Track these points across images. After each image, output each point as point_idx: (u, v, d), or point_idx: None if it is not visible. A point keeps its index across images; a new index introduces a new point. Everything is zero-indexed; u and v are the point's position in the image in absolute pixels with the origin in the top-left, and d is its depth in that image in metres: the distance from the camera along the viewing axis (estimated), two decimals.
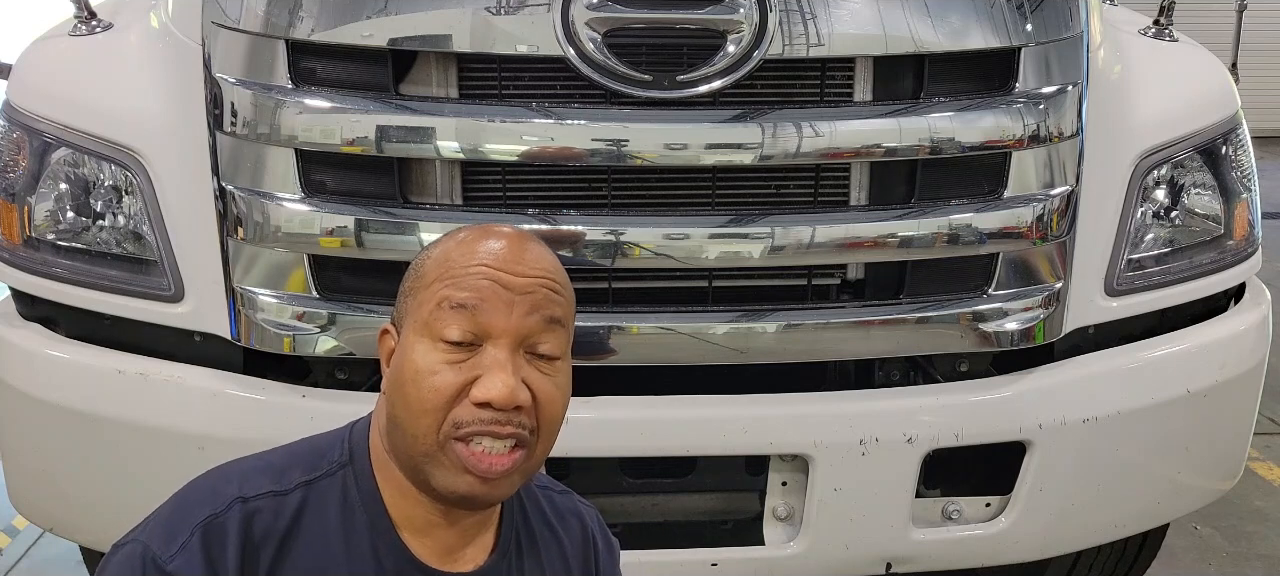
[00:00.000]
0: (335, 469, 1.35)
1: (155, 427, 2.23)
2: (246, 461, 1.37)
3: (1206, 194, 2.54)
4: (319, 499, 1.32)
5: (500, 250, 1.31)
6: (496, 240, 1.33)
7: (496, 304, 1.28)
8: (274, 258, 2.18)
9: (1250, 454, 2.80)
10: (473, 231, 1.36)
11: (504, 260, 1.30)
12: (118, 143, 2.27)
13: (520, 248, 1.33)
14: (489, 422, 1.26)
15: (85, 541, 2.61)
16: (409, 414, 1.27)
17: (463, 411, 1.26)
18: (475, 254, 1.31)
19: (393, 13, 2.09)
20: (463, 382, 1.26)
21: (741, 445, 2.28)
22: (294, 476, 1.33)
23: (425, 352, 1.28)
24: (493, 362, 1.26)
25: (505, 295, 1.28)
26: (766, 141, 2.13)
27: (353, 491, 1.34)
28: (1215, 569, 3.60)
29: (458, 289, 1.28)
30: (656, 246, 2.16)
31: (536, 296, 1.30)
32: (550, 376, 1.31)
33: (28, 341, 2.35)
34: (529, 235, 1.38)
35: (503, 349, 1.27)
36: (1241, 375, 2.53)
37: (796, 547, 2.33)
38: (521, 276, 1.30)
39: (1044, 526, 2.43)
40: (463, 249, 1.32)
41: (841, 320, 2.26)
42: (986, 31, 2.21)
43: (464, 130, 2.11)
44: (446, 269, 1.31)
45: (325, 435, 1.41)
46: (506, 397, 1.25)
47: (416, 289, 1.33)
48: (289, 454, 1.38)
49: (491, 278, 1.29)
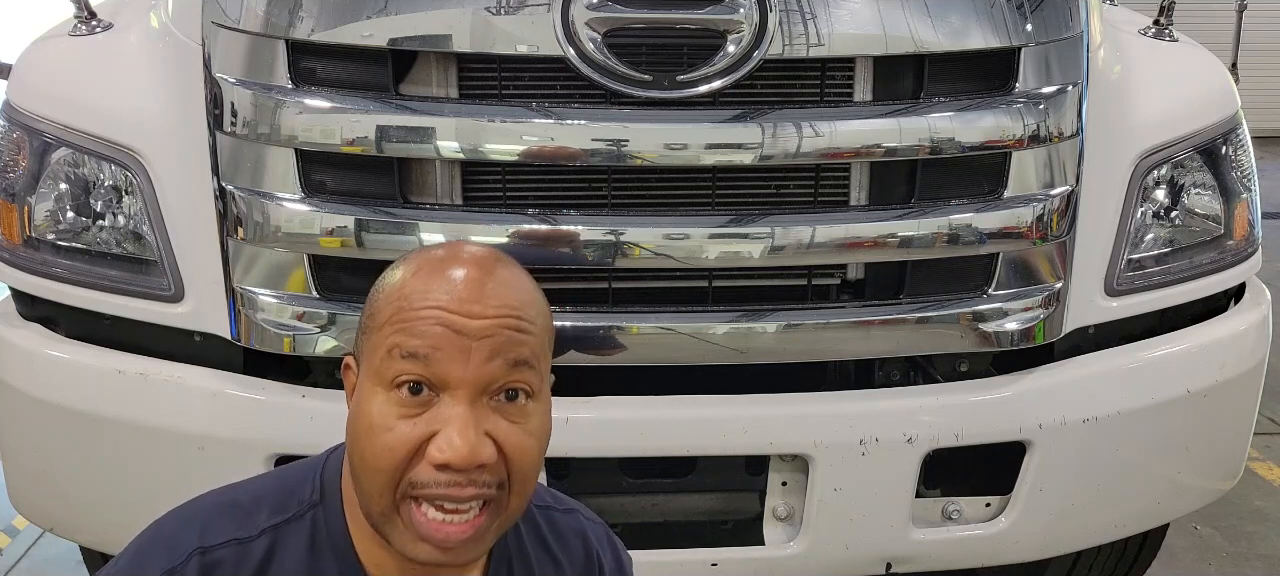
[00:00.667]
0: (305, 509, 1.26)
1: (155, 427, 2.23)
2: (214, 497, 1.29)
3: (1206, 194, 2.54)
4: (287, 544, 1.24)
5: (456, 288, 1.17)
6: (454, 272, 1.19)
7: (451, 352, 1.15)
8: (274, 257, 2.18)
9: (1250, 454, 2.80)
10: (430, 260, 1.22)
11: (459, 299, 1.16)
12: (118, 143, 2.27)
13: (479, 282, 1.18)
14: (448, 485, 1.14)
15: (85, 541, 2.61)
16: (364, 470, 1.18)
17: (420, 471, 1.15)
18: (428, 293, 1.17)
19: (393, 13, 2.09)
20: (419, 439, 1.15)
21: (741, 445, 2.28)
22: (260, 519, 1.25)
23: (379, 405, 1.16)
24: (450, 417, 1.14)
25: (460, 342, 1.15)
26: (766, 141, 2.13)
27: (323, 533, 1.25)
28: (1215, 569, 3.60)
29: (408, 335, 1.15)
30: (656, 246, 2.16)
31: (496, 339, 1.16)
32: (520, 423, 1.19)
33: (28, 341, 2.35)
34: (494, 263, 1.23)
35: (461, 401, 1.15)
36: (1241, 375, 2.53)
37: (796, 547, 2.33)
38: (479, 318, 1.16)
39: (1044, 526, 2.43)
40: (416, 284, 1.19)
41: (841, 320, 2.26)
42: (986, 31, 2.21)
43: (464, 130, 2.11)
44: (397, 309, 1.18)
45: (297, 468, 1.34)
46: (465, 458, 1.13)
47: (369, 328, 1.21)
48: (258, 491, 1.30)
49: (444, 323, 1.15)
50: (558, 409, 2.06)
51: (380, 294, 1.22)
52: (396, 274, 1.23)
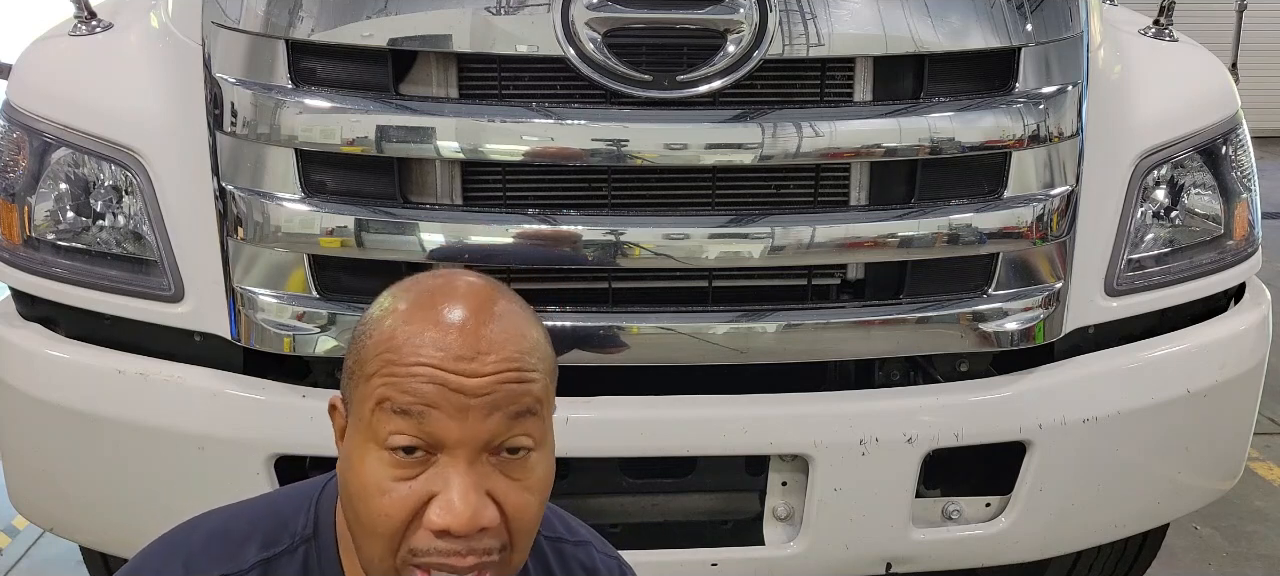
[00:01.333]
0: (297, 543, 1.21)
1: (155, 427, 2.23)
2: (203, 524, 1.24)
3: (1206, 194, 2.54)
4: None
5: (449, 339, 1.08)
6: (447, 316, 1.10)
7: (446, 410, 1.07)
8: (274, 257, 2.18)
9: (1250, 454, 2.80)
10: (420, 299, 1.13)
11: (453, 354, 1.07)
12: (118, 143, 2.27)
13: (475, 330, 1.09)
14: (447, 554, 1.08)
15: (85, 541, 2.61)
16: (361, 532, 1.12)
17: (419, 538, 1.09)
18: (419, 346, 1.08)
19: (393, 13, 2.09)
20: (416, 503, 1.08)
21: (741, 445, 2.28)
22: (250, 552, 1.20)
23: (372, 465, 1.09)
24: (449, 481, 1.07)
25: (456, 400, 1.07)
26: (766, 141, 2.13)
27: (315, 570, 1.21)
28: (1215, 569, 3.60)
29: (398, 392, 1.07)
30: (656, 246, 2.16)
31: (496, 395, 1.08)
32: (522, 480, 1.12)
33: (28, 341, 2.35)
34: (490, 303, 1.13)
35: (460, 461, 1.08)
36: (1241, 375, 2.53)
37: (796, 547, 2.33)
38: (475, 376, 1.07)
39: (1044, 526, 2.43)
40: (407, 331, 1.10)
41: (841, 320, 2.26)
42: (986, 31, 2.21)
43: (464, 130, 2.11)
44: (386, 360, 1.09)
45: (291, 496, 1.29)
46: (466, 524, 1.07)
47: (357, 376, 1.13)
48: (250, 517, 1.25)
49: (438, 381, 1.07)
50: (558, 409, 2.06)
51: (368, 339, 1.13)
52: (384, 315, 1.13)
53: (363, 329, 1.15)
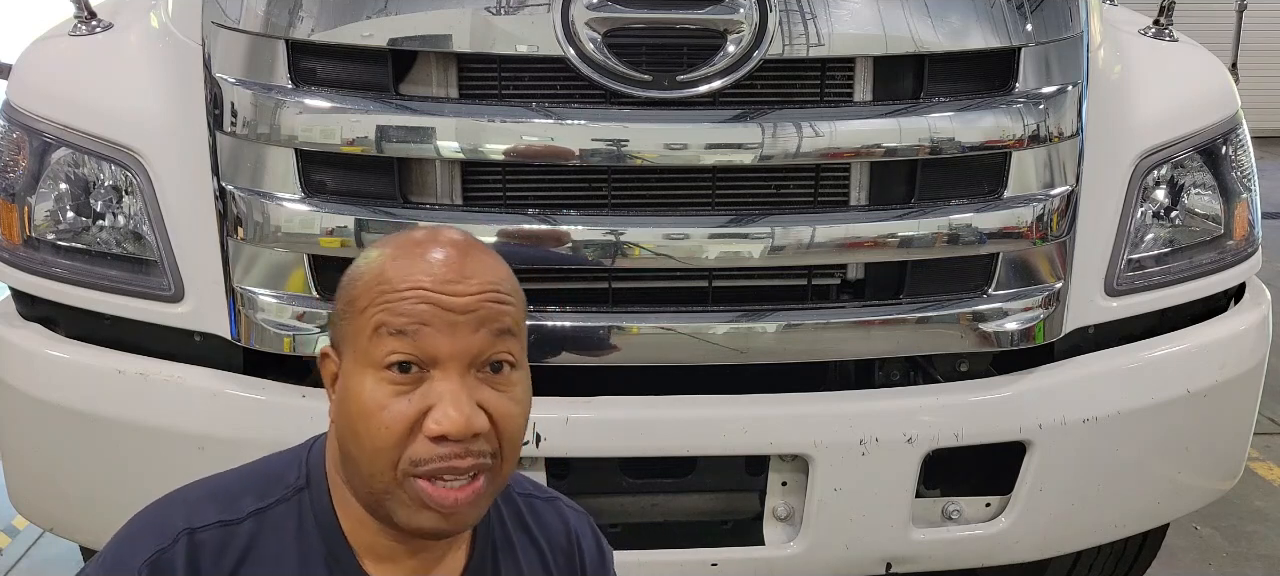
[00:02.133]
0: (291, 493, 1.28)
1: (155, 427, 2.23)
2: (197, 487, 1.30)
3: (1206, 194, 2.54)
4: (273, 527, 1.26)
5: (436, 267, 1.21)
6: (433, 253, 1.23)
7: (438, 327, 1.18)
8: (274, 257, 2.18)
9: (1250, 454, 2.80)
10: (405, 243, 1.26)
11: (441, 278, 1.20)
12: (118, 143, 2.27)
13: (459, 261, 1.23)
14: (448, 457, 1.18)
15: (85, 541, 2.61)
16: (362, 452, 1.20)
17: (419, 448, 1.18)
18: (409, 273, 1.21)
19: (393, 13, 2.09)
20: (414, 415, 1.18)
21: (741, 445, 2.28)
22: (246, 503, 1.26)
23: (370, 386, 1.19)
24: (443, 392, 1.18)
25: (446, 317, 1.19)
26: (766, 141, 2.13)
27: (309, 518, 1.27)
28: (1215, 569, 3.60)
29: (393, 314, 1.19)
30: (656, 246, 2.16)
31: (480, 313, 1.20)
32: (506, 392, 1.23)
33: (28, 341, 2.35)
34: (468, 242, 1.27)
35: (452, 375, 1.19)
36: (1241, 375, 2.53)
37: (796, 547, 2.33)
38: (462, 294, 1.20)
39: (1044, 526, 2.43)
40: (396, 268, 1.22)
41: (841, 320, 2.26)
42: (986, 31, 2.21)
43: (464, 130, 2.11)
44: (379, 292, 1.21)
45: (281, 455, 1.35)
46: (462, 428, 1.17)
47: (350, 313, 1.23)
48: (242, 477, 1.32)
49: (429, 301, 1.19)
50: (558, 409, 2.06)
51: (359, 279, 1.24)
52: (371, 258, 1.25)
53: (352, 274, 1.26)
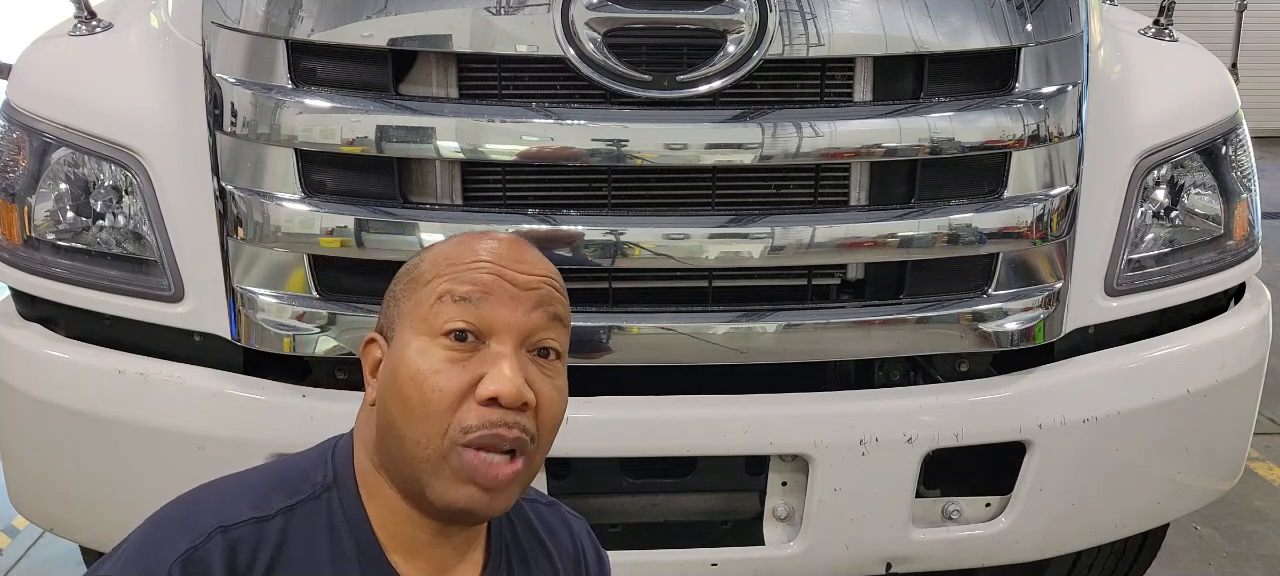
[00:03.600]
0: (319, 491, 1.29)
1: (155, 427, 2.23)
2: (222, 484, 1.30)
3: (1206, 194, 2.54)
4: (303, 524, 1.26)
5: (501, 249, 1.29)
6: (495, 240, 1.32)
7: (501, 298, 1.25)
8: (274, 257, 2.18)
9: (1250, 454, 2.80)
10: (469, 234, 1.35)
11: (506, 257, 1.28)
12: (118, 143, 2.27)
13: (520, 247, 1.32)
14: (495, 425, 1.21)
15: (85, 541, 2.61)
16: (410, 418, 1.22)
17: (468, 413, 1.21)
18: (476, 252, 1.28)
19: (393, 13, 2.09)
20: (468, 382, 1.22)
21: (741, 445, 2.28)
22: (276, 501, 1.26)
23: (424, 350, 1.23)
24: (498, 357, 1.23)
25: (510, 290, 1.26)
26: (766, 141, 2.13)
27: (339, 515, 1.28)
28: (1215, 569, 3.60)
29: (459, 282, 1.25)
30: (656, 246, 2.16)
31: (541, 292, 1.28)
32: (551, 378, 1.28)
33: (28, 341, 2.35)
34: (525, 239, 1.36)
35: (507, 344, 1.24)
36: (1241, 375, 2.53)
37: (796, 547, 2.33)
38: (525, 273, 1.28)
39: (1044, 526, 2.43)
40: (462, 248, 1.30)
41: (841, 320, 2.26)
42: (986, 31, 2.21)
43: (464, 130, 2.11)
44: (446, 265, 1.28)
45: (305, 455, 1.36)
46: (514, 394, 1.21)
47: (412, 288, 1.29)
48: (268, 475, 1.32)
49: (495, 272, 1.26)
50: None
51: (423, 261, 1.31)
52: (435, 248, 1.33)
53: (412, 265, 1.33)
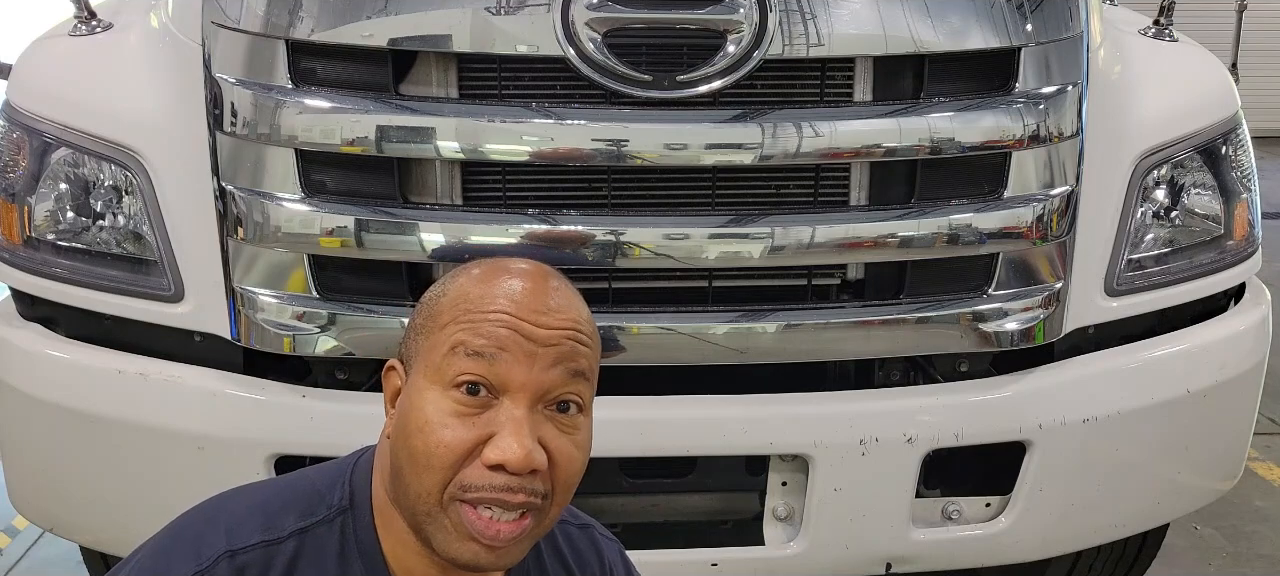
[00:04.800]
0: (334, 515, 1.25)
1: (155, 427, 2.23)
2: (237, 499, 1.27)
3: (1206, 194, 2.54)
4: (315, 548, 1.23)
5: (524, 294, 1.20)
6: (520, 281, 1.22)
7: (516, 355, 1.17)
8: (274, 258, 2.18)
9: (1250, 454, 2.80)
10: (495, 268, 1.26)
11: (528, 307, 1.19)
12: (118, 143, 2.27)
13: (545, 292, 1.22)
14: (499, 490, 1.16)
15: (85, 541, 2.61)
16: (413, 468, 1.18)
17: (472, 473, 1.16)
18: (496, 297, 1.20)
19: (393, 13, 2.09)
20: (474, 440, 1.16)
21: (741, 445, 2.28)
22: (288, 521, 1.23)
23: (435, 402, 1.17)
24: (508, 421, 1.16)
25: (526, 346, 1.18)
26: (766, 141, 2.13)
27: (351, 541, 1.25)
28: (1215, 569, 3.60)
29: (474, 334, 1.18)
30: (656, 246, 2.16)
31: (561, 349, 1.20)
32: (569, 434, 1.21)
33: (28, 341, 2.35)
34: (556, 276, 1.27)
35: (520, 405, 1.17)
36: (1241, 375, 2.53)
37: (796, 547, 2.33)
38: (545, 327, 1.19)
39: (1044, 526, 2.43)
40: (482, 288, 1.21)
41: (841, 320, 2.26)
42: (986, 31, 2.21)
43: (464, 130, 2.11)
44: (463, 310, 1.20)
45: (326, 471, 1.32)
46: (521, 462, 1.15)
47: (429, 328, 1.22)
48: (283, 492, 1.28)
49: (512, 326, 1.18)
50: None
51: (443, 297, 1.24)
52: (457, 280, 1.25)
53: (437, 291, 1.26)
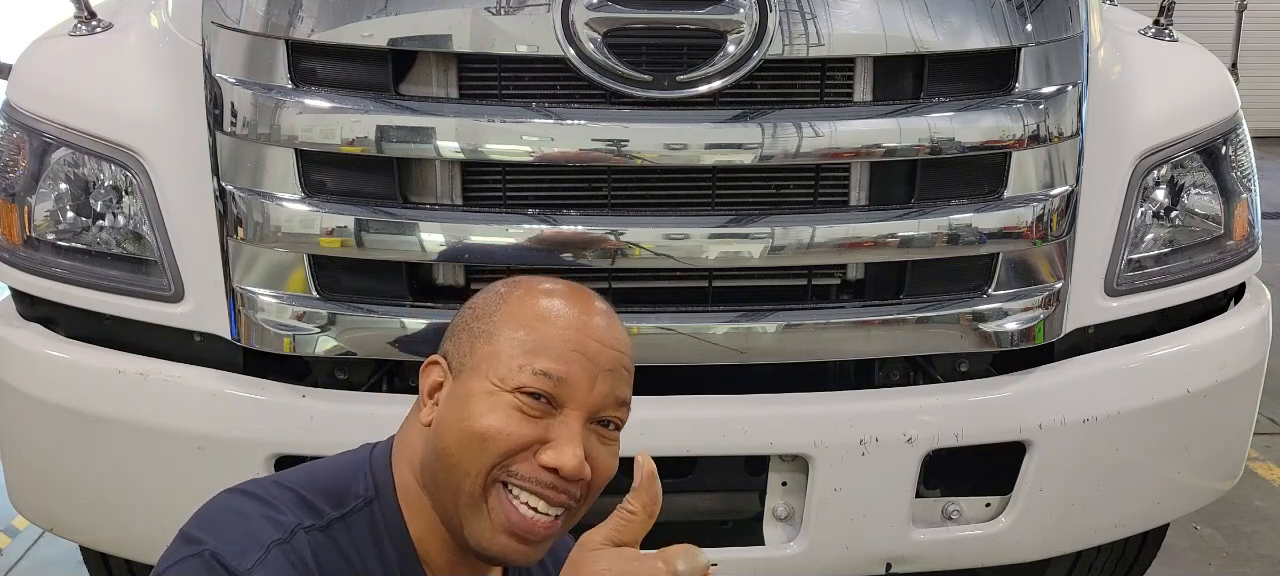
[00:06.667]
0: (363, 504, 1.33)
1: (155, 427, 2.23)
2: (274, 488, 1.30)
3: (1206, 194, 2.54)
4: (355, 535, 1.30)
5: (591, 319, 1.32)
6: (590, 309, 1.34)
7: (582, 376, 1.29)
8: (274, 258, 2.18)
9: (1250, 454, 2.80)
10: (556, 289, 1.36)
11: (595, 334, 1.31)
12: (118, 143, 2.27)
13: (608, 319, 1.35)
14: (546, 487, 1.27)
15: (85, 541, 2.61)
16: (466, 449, 1.27)
17: (524, 465, 1.27)
18: (569, 319, 1.31)
19: (393, 13, 2.09)
20: (533, 437, 1.27)
21: (741, 445, 2.28)
22: (328, 511, 1.30)
23: (495, 394, 1.27)
24: (566, 432, 1.28)
25: (590, 369, 1.29)
26: (766, 141, 2.13)
27: (381, 527, 1.32)
28: (1215, 569, 3.61)
29: (548, 356, 1.28)
30: (656, 246, 2.16)
31: (617, 374, 1.32)
32: (607, 445, 1.33)
33: (28, 341, 2.35)
34: (607, 308, 1.38)
35: (576, 420, 1.29)
36: (1241, 375, 2.53)
37: (796, 547, 2.33)
38: (608, 349, 1.32)
39: (1044, 526, 2.42)
40: (555, 308, 1.32)
41: (841, 320, 2.26)
42: (986, 31, 2.21)
43: (464, 130, 2.11)
44: (533, 326, 1.30)
45: (344, 462, 1.39)
46: (575, 470, 1.27)
47: (491, 335, 1.31)
48: (310, 483, 1.33)
49: (582, 349, 1.29)
50: None
51: (505, 304, 1.34)
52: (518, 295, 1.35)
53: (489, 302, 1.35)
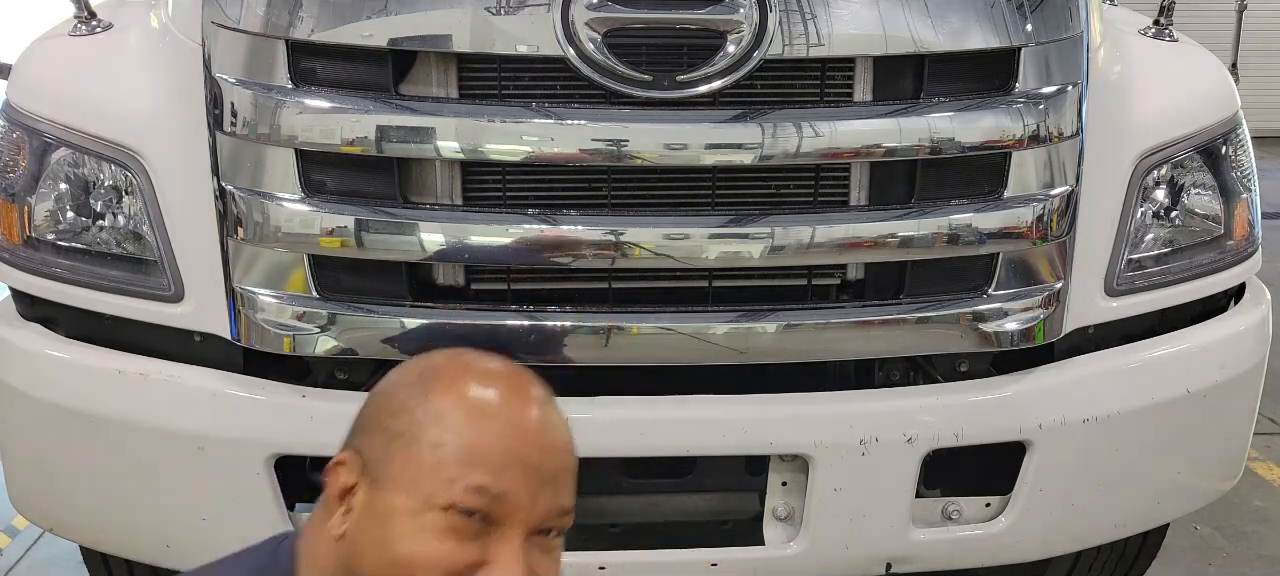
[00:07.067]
0: None
1: (155, 428, 2.23)
2: None
3: (1206, 194, 2.54)
4: None
5: (528, 420, 1.18)
6: (522, 400, 1.20)
7: (522, 490, 1.15)
8: (274, 257, 2.18)
9: (1250, 454, 2.80)
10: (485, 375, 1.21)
11: (534, 434, 1.18)
12: (118, 143, 2.27)
13: (546, 410, 1.20)
14: None
15: (85, 541, 2.61)
16: None
17: None
18: (501, 419, 1.17)
19: (393, 13, 2.09)
20: (464, 564, 1.13)
21: (741, 445, 2.28)
22: None
23: (418, 517, 1.13)
24: (508, 554, 1.14)
25: (532, 480, 1.16)
26: (766, 141, 2.13)
27: None
28: (1215, 569, 3.61)
29: (480, 468, 1.13)
30: (656, 246, 2.16)
31: (560, 483, 1.19)
32: (549, 553, 1.21)
33: (28, 341, 2.35)
34: (543, 397, 1.23)
35: (516, 539, 1.15)
36: (1241, 375, 2.53)
37: (796, 547, 2.33)
38: (551, 455, 1.19)
39: (1044, 526, 2.43)
40: (482, 403, 1.18)
41: (841, 320, 2.26)
42: (986, 31, 2.21)
43: (464, 130, 2.11)
44: (460, 430, 1.15)
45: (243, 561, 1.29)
46: None
47: (411, 437, 1.16)
48: None
49: (520, 457, 1.15)
50: None
51: (426, 398, 1.18)
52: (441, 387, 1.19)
53: (406, 396, 1.19)
